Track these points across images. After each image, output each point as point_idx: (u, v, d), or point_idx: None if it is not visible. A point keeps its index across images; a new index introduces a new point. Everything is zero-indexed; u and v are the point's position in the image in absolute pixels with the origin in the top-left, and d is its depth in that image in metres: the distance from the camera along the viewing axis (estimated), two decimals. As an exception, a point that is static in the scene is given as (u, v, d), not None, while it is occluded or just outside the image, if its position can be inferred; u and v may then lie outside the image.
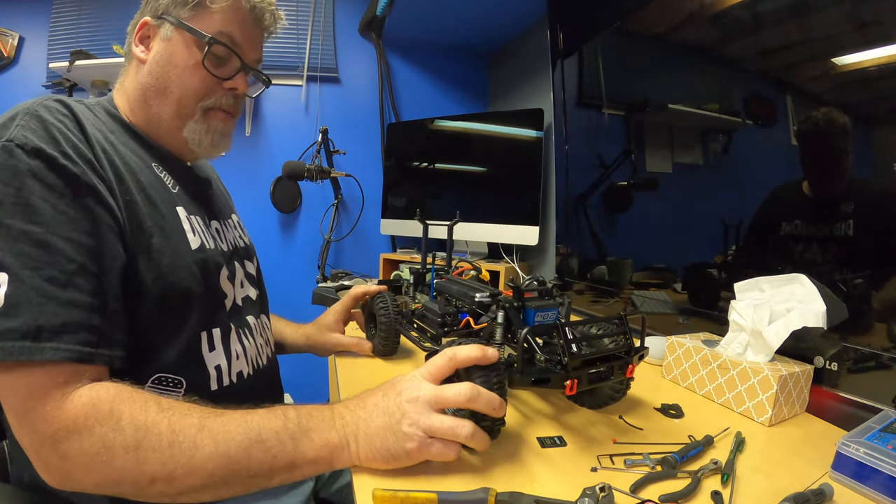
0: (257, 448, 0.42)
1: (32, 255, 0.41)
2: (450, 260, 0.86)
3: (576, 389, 0.47)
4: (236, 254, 0.68)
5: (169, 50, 0.59)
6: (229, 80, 0.62)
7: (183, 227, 0.57)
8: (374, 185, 1.82)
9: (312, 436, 0.44)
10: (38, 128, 0.45)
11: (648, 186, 1.08)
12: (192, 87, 0.60)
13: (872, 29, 0.60)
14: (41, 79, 1.67)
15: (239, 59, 0.62)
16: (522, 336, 0.48)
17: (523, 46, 1.74)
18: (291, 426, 0.44)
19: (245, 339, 0.63)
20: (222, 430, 0.42)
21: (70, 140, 0.47)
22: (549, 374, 0.48)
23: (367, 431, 0.44)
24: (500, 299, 0.59)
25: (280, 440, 0.43)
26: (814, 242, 0.69)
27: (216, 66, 0.60)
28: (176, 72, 0.59)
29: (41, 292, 0.40)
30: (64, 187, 0.44)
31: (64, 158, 0.45)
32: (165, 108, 0.60)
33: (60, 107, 0.50)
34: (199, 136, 0.62)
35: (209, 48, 0.58)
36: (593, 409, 0.61)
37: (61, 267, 0.42)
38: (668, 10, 0.96)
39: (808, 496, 0.41)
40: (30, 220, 0.42)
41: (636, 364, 0.53)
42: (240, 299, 0.65)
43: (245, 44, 0.62)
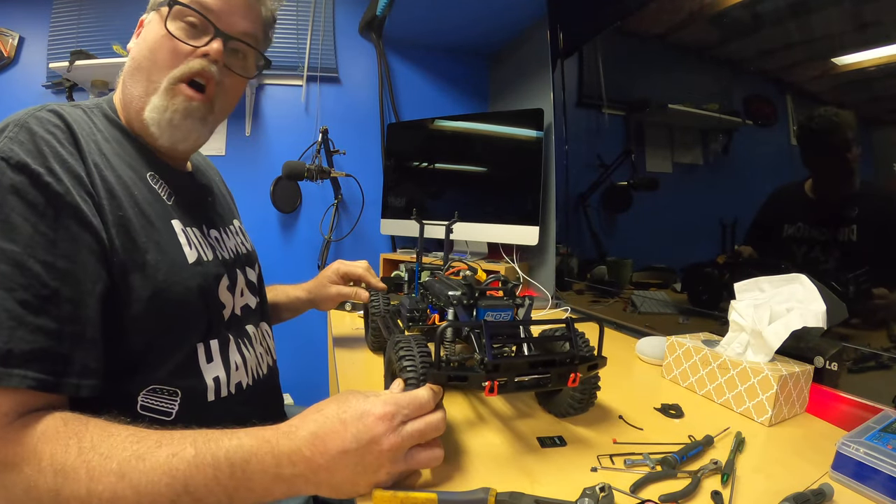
0: (185, 500, 0.38)
1: (7, 275, 0.39)
2: (446, 259, 0.86)
3: (497, 392, 0.45)
4: (237, 262, 0.66)
5: (146, 31, 0.57)
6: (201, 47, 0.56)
7: (179, 240, 0.55)
8: (374, 185, 1.82)
9: (252, 486, 0.39)
10: (26, 140, 0.44)
11: (648, 186, 1.08)
12: (161, 57, 0.55)
13: (872, 29, 0.60)
14: (41, 79, 1.67)
15: (211, 26, 0.56)
16: (440, 331, 0.46)
17: (523, 46, 1.74)
18: (224, 479, 0.38)
19: (245, 350, 0.61)
20: (144, 482, 0.37)
21: (58, 154, 0.45)
22: (468, 374, 0.46)
23: (332, 482, 0.39)
24: (451, 297, 0.59)
25: (211, 492, 0.38)
26: (815, 243, 0.69)
27: (181, 33, 0.55)
28: (146, 45, 0.56)
29: (13, 315, 0.39)
30: (45, 206, 0.43)
31: (49, 175, 0.43)
32: (136, 87, 0.56)
33: (53, 118, 0.48)
34: (157, 114, 0.55)
35: (170, 10, 0.54)
36: (557, 417, 0.59)
37: (35, 291, 0.40)
38: (668, 10, 0.96)
39: (808, 496, 0.41)
40: (7, 237, 0.40)
41: (585, 374, 0.50)
42: (239, 309, 0.64)
43: (221, 9, 0.56)
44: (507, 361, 0.49)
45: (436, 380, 0.46)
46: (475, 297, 0.59)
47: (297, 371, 1.71)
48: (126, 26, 1.67)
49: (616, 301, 1.15)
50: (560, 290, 1.40)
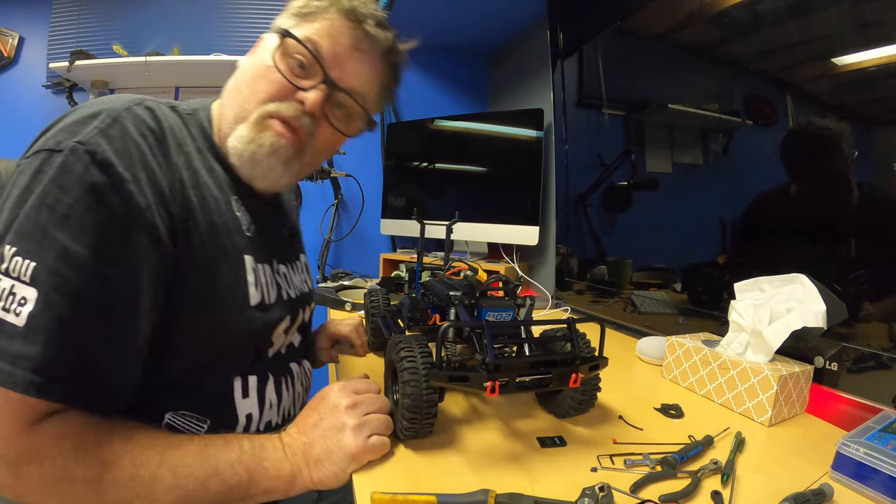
0: (214, 481, 0.43)
1: (68, 280, 0.37)
2: (447, 259, 0.86)
3: (498, 392, 0.45)
4: (300, 300, 0.64)
5: (258, 52, 0.54)
6: (301, 90, 0.51)
7: (247, 278, 0.52)
8: (374, 185, 1.82)
9: (266, 466, 0.46)
10: (116, 136, 0.41)
11: (648, 186, 1.08)
12: (259, 86, 0.52)
13: (872, 29, 0.60)
14: (41, 79, 1.67)
15: (321, 70, 0.51)
16: (441, 331, 0.47)
17: (523, 46, 1.74)
18: (246, 458, 0.45)
19: (284, 389, 0.59)
20: (182, 464, 0.42)
21: (146, 162, 0.42)
22: (469, 374, 0.46)
23: (315, 456, 0.47)
24: (453, 297, 0.59)
25: (235, 472, 0.44)
26: (812, 242, 0.69)
27: (286, 67, 0.51)
28: (251, 70, 0.53)
29: (66, 326, 0.37)
30: (122, 216, 0.40)
31: (133, 183, 0.40)
32: (230, 109, 0.53)
33: (149, 118, 0.45)
34: (242, 144, 0.51)
35: (282, 42, 0.51)
36: (558, 417, 0.59)
37: (92, 304, 0.38)
38: (668, 10, 0.96)
39: (808, 496, 0.41)
40: (76, 239, 0.37)
41: (587, 374, 0.50)
42: (284, 347, 0.62)
43: (332, 58, 0.52)
44: (509, 362, 0.49)
45: (437, 379, 0.46)
46: (476, 297, 0.59)
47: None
48: (126, 26, 1.67)
49: (616, 301, 1.15)
50: (560, 290, 1.40)
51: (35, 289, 0.36)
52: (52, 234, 0.37)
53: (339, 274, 1.69)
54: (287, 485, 0.46)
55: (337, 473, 0.46)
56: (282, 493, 0.46)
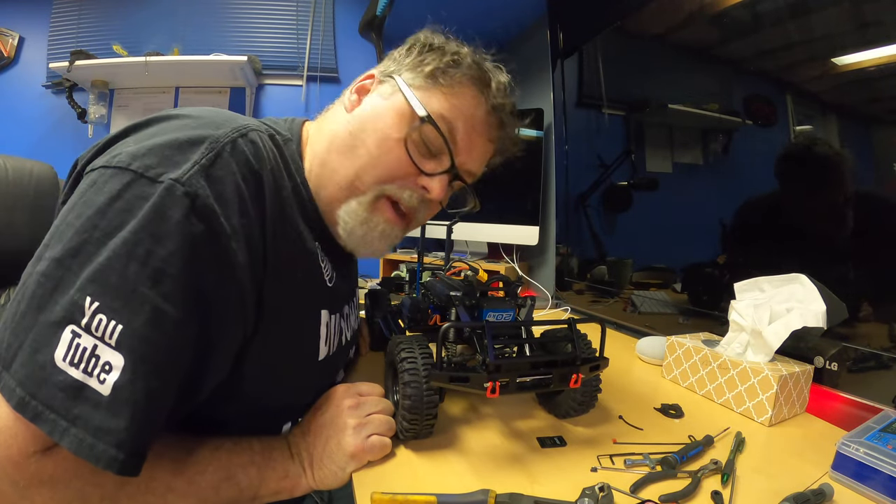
0: (226, 485, 0.43)
1: (158, 347, 0.34)
2: (447, 259, 0.86)
3: (498, 392, 0.45)
4: (351, 341, 0.64)
5: (378, 109, 0.50)
6: (427, 174, 0.49)
7: (320, 334, 0.51)
8: (374, 185, 1.82)
9: (275, 466, 0.46)
10: (219, 178, 0.36)
11: (648, 186, 1.08)
12: (383, 160, 0.48)
13: (872, 29, 0.60)
14: (41, 79, 1.67)
15: (450, 158, 0.49)
16: (442, 331, 0.47)
17: (523, 46, 1.74)
18: (258, 459, 0.45)
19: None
20: (194, 471, 0.41)
21: (247, 212, 0.38)
22: (469, 374, 0.46)
23: (317, 455, 0.47)
24: (453, 297, 0.59)
25: (247, 474, 0.44)
26: (813, 242, 0.69)
27: (419, 153, 0.49)
28: (375, 136, 0.49)
29: (153, 397, 0.34)
30: (218, 274, 0.36)
31: (234, 239, 0.36)
32: (341, 171, 0.49)
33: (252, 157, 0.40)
34: (353, 222, 0.50)
35: (420, 125, 0.48)
36: (558, 417, 0.59)
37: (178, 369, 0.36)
38: (668, 10, 0.96)
39: (808, 496, 0.41)
40: (169, 299, 0.34)
41: (587, 375, 0.50)
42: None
43: (464, 145, 0.50)
44: (509, 362, 0.49)
45: (437, 380, 0.46)
46: (477, 297, 0.59)
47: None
48: (126, 26, 1.67)
49: (616, 301, 1.15)
50: (560, 290, 1.40)
51: (121, 355, 0.32)
52: (142, 291, 0.33)
53: (339, 274, 1.69)
54: (293, 485, 0.46)
55: (336, 473, 0.46)
56: (288, 493, 0.46)
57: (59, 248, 0.33)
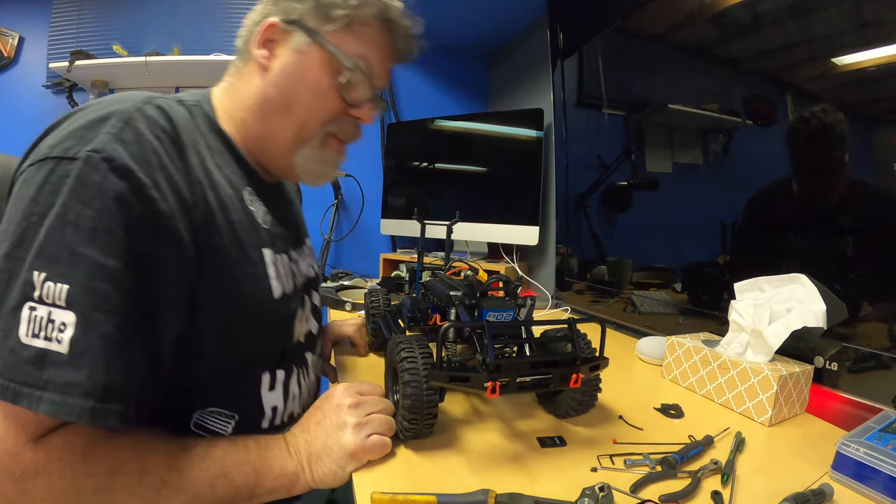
0: (221, 482, 0.43)
1: (106, 296, 0.36)
2: (447, 259, 0.86)
3: (498, 392, 0.45)
4: (307, 286, 0.64)
5: (301, 64, 0.52)
6: (358, 108, 0.56)
7: (268, 272, 0.52)
8: (374, 185, 1.82)
9: (272, 465, 0.46)
10: (131, 140, 0.39)
11: (648, 186, 1.08)
12: (321, 111, 0.54)
13: (872, 29, 0.60)
14: (41, 79, 1.66)
15: (371, 88, 0.56)
16: (442, 331, 0.47)
17: (523, 46, 1.74)
18: (253, 458, 0.45)
19: (302, 380, 0.60)
20: (188, 467, 0.41)
21: (164, 166, 0.41)
22: (469, 374, 0.46)
23: (316, 453, 0.47)
24: (453, 297, 0.59)
25: (242, 472, 0.44)
26: (812, 242, 0.69)
27: (349, 92, 0.54)
28: (307, 92, 0.53)
29: (110, 341, 0.36)
30: (147, 224, 0.38)
31: (154, 189, 0.39)
32: (284, 128, 0.54)
33: (162, 119, 0.43)
34: (310, 163, 0.56)
35: (350, 75, 0.53)
36: (558, 417, 0.59)
37: (126, 317, 0.37)
38: (668, 10, 0.96)
39: (808, 496, 0.41)
40: (107, 251, 0.36)
41: (587, 374, 0.50)
42: (302, 336, 0.62)
43: (379, 73, 0.56)
44: (509, 362, 0.49)
45: (437, 380, 0.46)
46: (477, 297, 0.59)
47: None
48: (126, 26, 1.67)
49: (616, 301, 1.15)
50: (560, 290, 1.40)
51: (72, 312, 0.35)
52: (80, 251, 0.35)
53: (339, 274, 1.69)
54: (291, 483, 0.46)
55: (336, 471, 0.46)
56: (286, 491, 0.46)
57: (6, 244, 0.36)
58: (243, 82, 0.55)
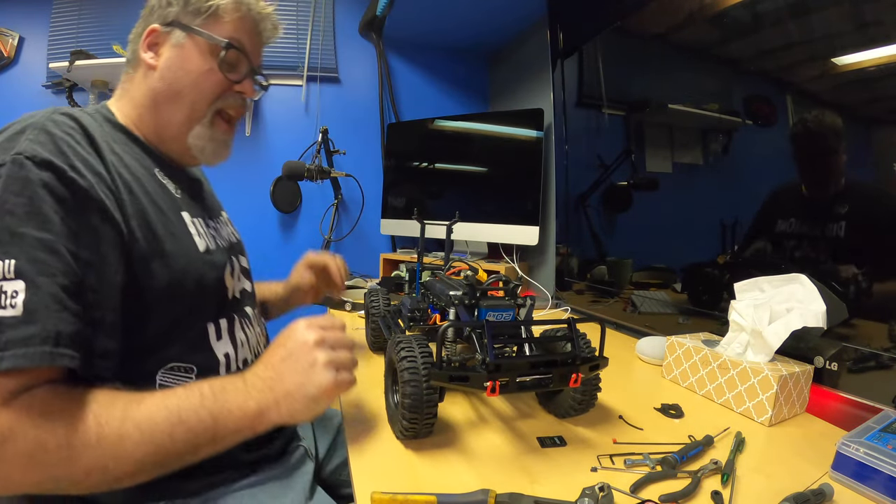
0: (179, 430, 0.44)
1: (47, 262, 0.41)
2: (447, 259, 0.86)
3: (498, 392, 0.45)
4: (232, 249, 0.71)
5: (182, 56, 0.61)
6: (240, 83, 0.65)
7: (190, 230, 0.59)
8: (374, 185, 1.82)
9: (230, 406, 0.46)
10: (46, 141, 0.46)
11: (648, 186, 1.08)
12: (207, 90, 0.62)
13: (872, 29, 0.60)
14: (41, 79, 1.66)
15: (248, 64, 0.65)
16: (442, 331, 0.47)
17: (523, 46, 1.74)
18: (208, 403, 0.46)
19: (247, 329, 0.66)
20: (145, 418, 0.43)
21: (79, 153, 0.48)
22: (469, 374, 0.46)
23: (285, 390, 0.48)
24: (453, 297, 0.59)
25: (200, 418, 0.45)
26: (812, 242, 0.69)
27: (229, 71, 0.63)
28: (190, 77, 0.61)
29: (57, 299, 0.41)
30: (72, 200, 0.45)
31: (72, 171, 0.46)
32: (177, 113, 0.62)
33: (69, 120, 0.50)
34: (203, 142, 0.64)
35: (225, 53, 0.61)
36: (558, 417, 0.59)
37: (70, 277, 0.43)
38: (668, 10, 0.96)
39: (808, 496, 0.41)
40: (43, 227, 0.42)
41: (587, 374, 0.50)
42: (238, 292, 0.68)
43: (252, 50, 0.65)
44: (509, 362, 0.49)
45: (437, 379, 0.46)
46: (477, 297, 0.59)
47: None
48: (126, 26, 1.67)
49: (616, 301, 1.15)
50: (560, 290, 1.40)
51: (21, 280, 0.40)
52: (20, 231, 0.41)
53: (339, 274, 1.69)
54: (255, 422, 0.47)
55: (311, 407, 0.47)
56: (251, 430, 0.47)
57: None
58: (135, 85, 0.63)
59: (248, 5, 0.64)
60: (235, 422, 0.46)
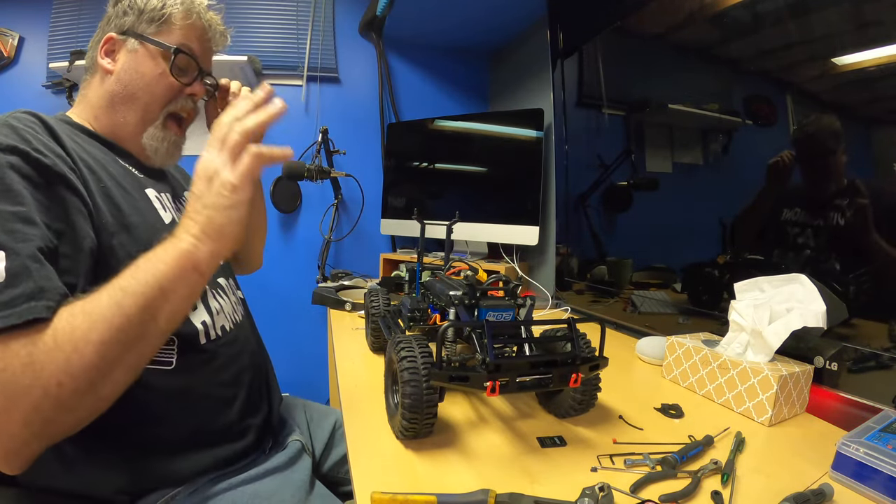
0: (126, 298, 0.44)
1: (23, 231, 0.44)
2: (447, 259, 0.86)
3: (498, 392, 0.46)
4: None
5: (136, 61, 0.65)
6: (190, 85, 0.69)
7: (154, 205, 0.63)
8: (374, 185, 1.82)
9: (165, 258, 0.47)
10: (9, 133, 0.49)
11: (648, 186, 1.08)
12: (159, 93, 0.66)
13: (872, 29, 0.60)
14: (41, 79, 1.66)
15: (198, 68, 0.69)
16: (441, 331, 0.47)
17: (523, 46, 1.74)
18: (142, 264, 0.47)
19: (220, 298, 0.69)
20: (90, 303, 0.44)
21: (40, 139, 0.51)
22: (469, 374, 0.46)
23: (204, 214, 0.48)
24: (453, 297, 0.59)
25: (138, 280, 0.45)
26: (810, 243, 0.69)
27: (180, 74, 0.67)
28: (143, 80, 0.65)
29: (36, 259, 0.44)
30: (38, 177, 0.48)
31: (36, 153, 0.49)
32: (131, 114, 0.66)
33: (29, 116, 0.54)
34: (156, 143, 0.68)
35: (175, 57, 0.66)
36: (558, 417, 0.59)
37: (45, 243, 0.45)
38: (668, 9, 0.96)
39: (808, 496, 0.41)
40: (15, 202, 0.45)
41: (587, 374, 0.50)
42: None
43: (201, 55, 0.70)
44: (509, 361, 0.49)
45: (437, 379, 0.46)
46: (476, 297, 0.59)
47: (297, 371, 1.71)
48: (126, 26, 1.68)
49: (616, 301, 1.15)
50: (560, 290, 1.40)
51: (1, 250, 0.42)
52: None
53: (339, 274, 1.69)
54: (193, 259, 0.47)
55: (231, 216, 0.48)
56: (194, 270, 0.48)
57: None
58: (93, 90, 0.67)
59: (197, 13, 0.68)
60: (174, 267, 0.47)
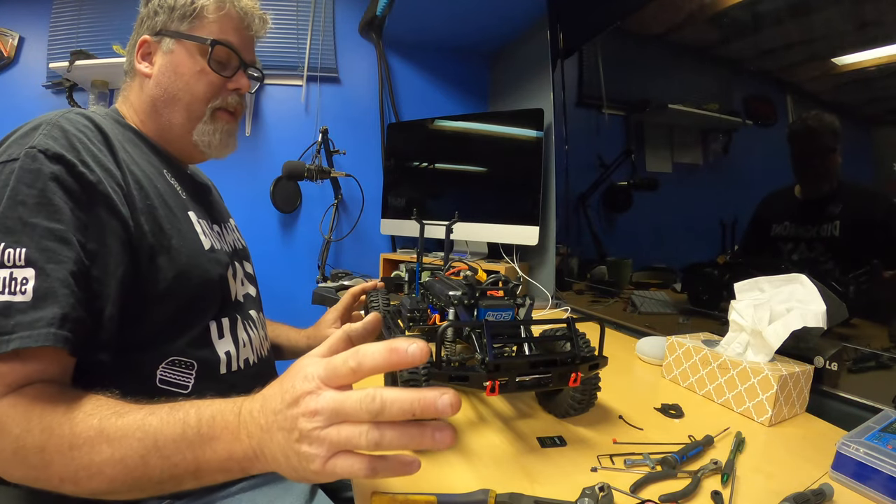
0: (154, 456, 0.38)
1: (57, 251, 0.43)
2: (447, 259, 0.86)
3: (497, 391, 0.46)
4: (236, 254, 0.71)
5: (173, 61, 0.64)
6: (232, 79, 0.67)
7: (195, 229, 0.61)
8: (374, 185, 1.82)
9: (215, 446, 0.38)
10: (59, 136, 0.48)
11: (648, 186, 1.08)
12: (200, 90, 0.65)
13: (872, 29, 0.60)
14: (41, 79, 1.66)
15: (239, 59, 0.67)
16: (441, 331, 0.47)
17: (523, 46, 1.74)
18: (191, 435, 0.38)
19: (250, 330, 0.67)
20: (119, 436, 0.38)
21: (89, 149, 0.50)
22: (469, 373, 0.46)
23: (270, 449, 0.35)
24: (452, 297, 0.59)
25: (178, 449, 0.38)
26: (809, 242, 0.69)
27: (220, 69, 0.65)
28: (183, 80, 0.64)
29: (65, 284, 0.43)
30: (80, 193, 0.47)
31: (82, 166, 0.48)
32: (176, 115, 0.65)
33: (83, 119, 0.53)
34: (208, 137, 0.66)
35: (212, 50, 0.64)
36: (558, 417, 0.59)
37: (77, 266, 0.44)
38: (668, 10, 0.96)
39: (808, 496, 0.41)
40: (54, 218, 0.44)
41: (586, 374, 0.50)
42: (241, 296, 0.69)
43: (241, 46, 0.67)
44: (508, 361, 0.49)
45: (437, 379, 0.46)
46: (476, 297, 0.59)
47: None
48: (126, 26, 1.67)
49: (616, 301, 1.15)
50: (560, 290, 1.40)
51: (31, 268, 0.42)
52: (31, 221, 0.43)
53: (339, 274, 1.69)
54: (244, 465, 0.38)
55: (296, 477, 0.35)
56: (239, 472, 0.39)
57: None
58: (135, 94, 0.66)
59: (231, 2, 0.65)
60: (220, 462, 0.38)
